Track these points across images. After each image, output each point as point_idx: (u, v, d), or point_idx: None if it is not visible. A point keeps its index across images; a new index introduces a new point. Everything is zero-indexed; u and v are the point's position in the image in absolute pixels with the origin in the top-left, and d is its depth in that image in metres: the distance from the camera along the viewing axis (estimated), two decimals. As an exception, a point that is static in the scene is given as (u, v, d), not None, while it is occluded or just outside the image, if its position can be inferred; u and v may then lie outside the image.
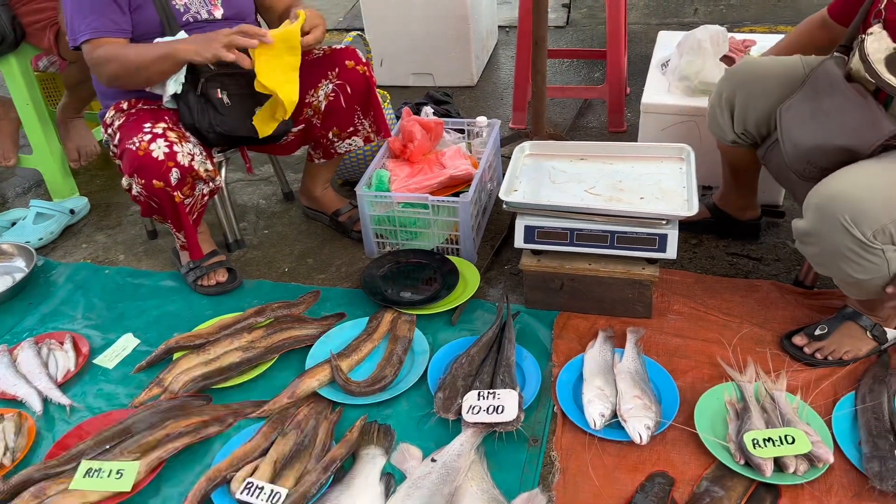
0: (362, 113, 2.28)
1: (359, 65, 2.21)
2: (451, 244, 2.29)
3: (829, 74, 1.76)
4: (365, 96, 2.24)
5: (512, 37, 4.20)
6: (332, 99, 2.21)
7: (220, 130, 2.09)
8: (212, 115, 2.07)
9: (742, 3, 4.34)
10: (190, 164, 2.00)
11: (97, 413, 1.85)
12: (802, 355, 1.83)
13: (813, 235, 1.64)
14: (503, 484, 1.57)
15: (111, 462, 1.63)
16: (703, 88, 2.35)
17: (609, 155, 2.14)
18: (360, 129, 2.31)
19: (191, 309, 2.21)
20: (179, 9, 2.07)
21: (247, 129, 2.12)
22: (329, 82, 2.20)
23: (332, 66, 2.20)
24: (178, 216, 2.08)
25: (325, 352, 1.95)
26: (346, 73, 2.20)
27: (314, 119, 2.26)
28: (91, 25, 1.97)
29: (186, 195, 2.04)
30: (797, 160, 1.77)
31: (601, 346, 1.87)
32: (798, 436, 1.53)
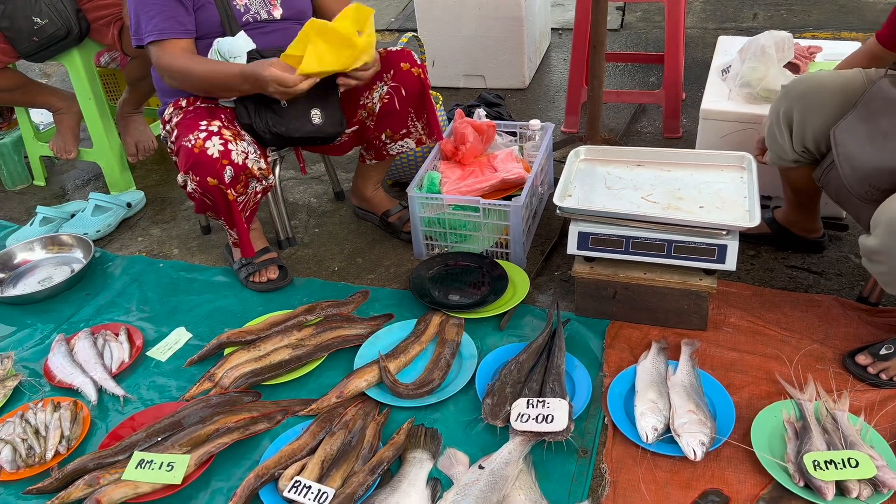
0: (416, 115, 2.27)
1: (414, 67, 2.20)
2: (500, 248, 2.27)
3: (884, 94, 1.69)
4: (419, 99, 2.24)
5: (565, 39, 4.16)
6: (387, 101, 2.21)
7: (277, 131, 2.10)
8: (269, 117, 2.08)
9: (804, 9, 4.22)
10: (244, 163, 2.02)
11: (149, 405, 1.88)
12: (866, 375, 1.76)
13: (883, 254, 1.58)
14: (551, 495, 1.55)
15: (162, 454, 1.65)
16: (766, 96, 2.28)
17: (667, 162, 2.09)
18: (413, 131, 2.30)
19: (242, 305, 2.23)
20: (240, 9, 2.09)
21: (303, 129, 2.13)
22: (384, 84, 2.20)
23: (388, 69, 2.20)
24: (230, 213, 2.10)
25: (373, 352, 1.95)
26: (402, 74, 2.19)
27: (368, 121, 2.26)
28: (158, 26, 2.01)
29: (240, 193, 2.06)
30: (857, 183, 1.70)
31: (654, 358, 1.83)
32: (862, 459, 1.47)
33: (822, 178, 1.85)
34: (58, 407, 1.83)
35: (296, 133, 2.13)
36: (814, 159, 1.90)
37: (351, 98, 2.22)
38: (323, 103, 2.14)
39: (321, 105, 2.13)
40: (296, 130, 2.12)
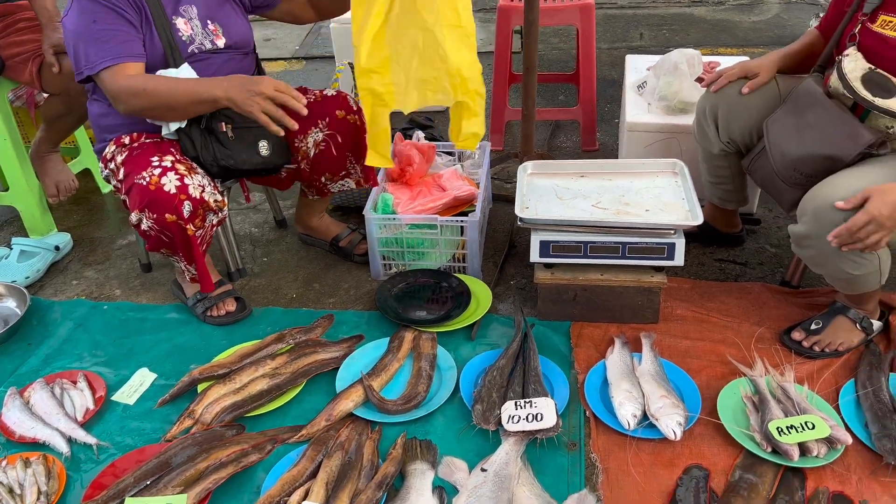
0: (354, 158, 2.29)
1: (350, 114, 2.22)
2: (456, 262, 2.36)
3: (810, 91, 1.94)
4: (355, 145, 2.25)
5: (472, 62, 4.33)
6: (324, 148, 2.23)
7: (225, 164, 2.09)
8: (216, 149, 2.07)
9: (682, 28, 4.63)
10: (201, 196, 2.00)
11: (127, 450, 1.81)
12: (802, 349, 1.98)
13: (811, 238, 1.80)
14: (551, 488, 1.64)
15: (157, 497, 1.61)
16: (682, 107, 2.52)
17: (607, 171, 2.27)
18: (353, 172, 2.33)
19: (203, 340, 2.19)
20: (185, 40, 2.07)
21: (251, 162, 2.13)
22: (319, 131, 2.21)
23: (323, 115, 2.21)
24: (189, 249, 2.06)
25: (351, 374, 1.98)
26: (337, 123, 2.21)
27: (303, 163, 2.27)
28: (112, 52, 1.95)
29: (198, 227, 2.04)
30: (785, 168, 1.94)
31: (620, 352, 1.98)
32: (817, 422, 1.67)
33: (750, 166, 2.10)
34: (28, 463, 1.73)
35: (244, 165, 2.13)
36: (737, 150, 2.15)
37: (286, 138, 2.22)
38: (271, 135, 2.15)
39: (269, 136, 2.14)
40: (244, 163, 2.12)
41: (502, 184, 2.91)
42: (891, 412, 1.74)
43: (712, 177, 2.30)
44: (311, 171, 2.29)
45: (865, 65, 1.83)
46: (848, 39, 1.90)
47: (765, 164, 2.03)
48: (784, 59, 2.10)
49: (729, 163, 2.22)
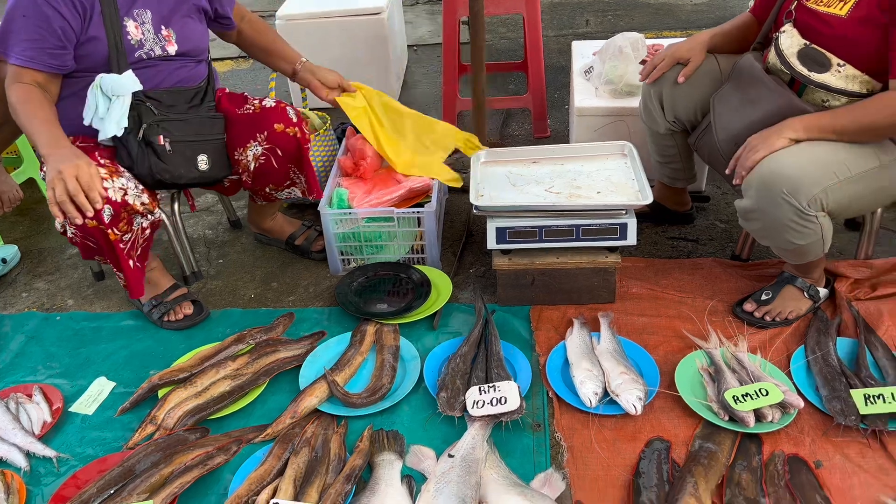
0: (297, 169, 2.25)
1: (289, 126, 2.16)
2: (415, 254, 2.37)
3: (750, 67, 1.99)
4: (297, 157, 2.21)
5: (421, 55, 4.34)
6: (263, 162, 2.18)
7: (160, 178, 2.05)
8: (152, 162, 2.03)
9: (627, 13, 4.70)
10: (123, 200, 1.93)
11: (89, 461, 1.78)
12: (754, 319, 2.05)
13: (757, 211, 1.86)
14: (517, 469, 1.67)
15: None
16: (628, 90, 2.57)
17: (558, 157, 2.30)
18: (298, 182, 2.28)
19: (162, 345, 2.16)
20: (133, 44, 2.03)
21: (189, 176, 2.10)
22: (258, 144, 2.16)
23: (261, 128, 2.15)
24: (115, 254, 1.99)
25: (315, 370, 1.98)
26: (276, 136, 2.15)
27: (244, 176, 2.24)
28: (25, 53, 1.91)
29: (123, 231, 1.97)
30: (727, 143, 2.00)
31: (579, 332, 2.01)
32: (770, 388, 1.73)
33: (696, 143, 2.15)
34: (-15, 480, 1.69)
35: (181, 180, 2.10)
36: (683, 128, 2.20)
37: (226, 150, 2.20)
38: (210, 148, 2.13)
39: (209, 150, 2.12)
40: (181, 177, 2.10)
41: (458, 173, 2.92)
42: (839, 375, 1.80)
43: (660, 156, 2.35)
44: (253, 182, 2.26)
45: (801, 40, 1.89)
46: (784, 16, 1.95)
47: (710, 140, 2.08)
48: (713, 38, 2.15)
49: (676, 141, 2.27)
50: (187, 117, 2.11)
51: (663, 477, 1.61)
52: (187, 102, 2.13)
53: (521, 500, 1.53)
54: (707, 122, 2.07)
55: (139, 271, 2.08)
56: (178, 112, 2.10)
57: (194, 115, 2.13)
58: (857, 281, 2.12)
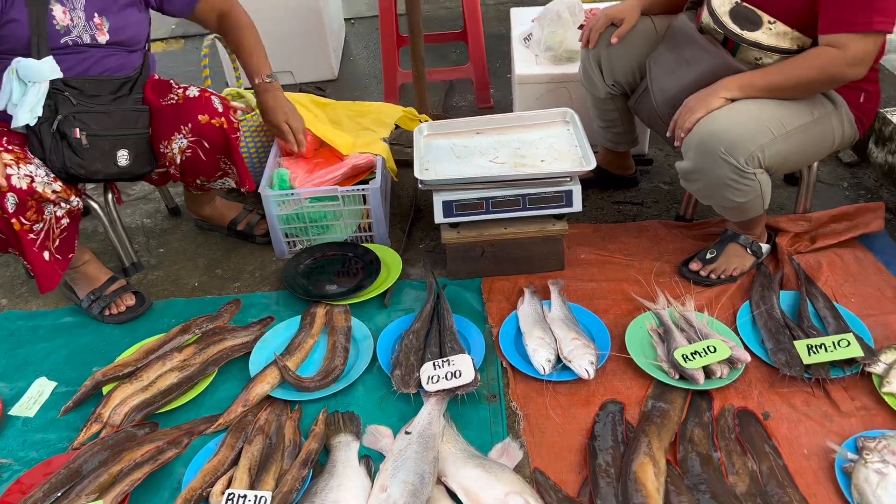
0: (227, 159, 2.15)
1: (214, 117, 2.04)
2: (362, 232, 2.33)
3: (684, 27, 2.00)
4: (225, 149, 2.10)
5: (359, 28, 4.25)
6: (190, 155, 2.08)
7: (75, 173, 1.94)
8: (67, 156, 1.92)
9: (564, -21, 4.67)
10: (30, 187, 1.83)
11: (33, 464, 1.71)
12: (700, 278, 2.08)
13: (697, 172, 1.88)
14: (475, 440, 1.67)
15: (71, 508, 1.53)
16: (568, 56, 2.56)
17: (501, 126, 2.28)
18: (230, 172, 2.19)
19: (103, 341, 2.08)
20: (59, 29, 1.91)
21: (106, 172, 2.00)
22: (183, 137, 2.05)
23: (185, 120, 2.04)
24: (21, 245, 1.88)
25: (265, 356, 1.94)
26: (201, 128, 2.04)
27: (172, 169, 2.13)
28: None
29: (33, 221, 1.87)
30: (664, 105, 2.01)
31: (530, 301, 2.01)
32: (718, 345, 1.76)
33: (635, 105, 2.16)
34: (-79, 493, 1.61)
35: (97, 175, 1.99)
36: (623, 92, 2.20)
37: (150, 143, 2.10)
38: (133, 143, 2.02)
39: (130, 145, 2.02)
40: (97, 173, 1.98)
41: (402, 148, 2.88)
42: (783, 328, 1.85)
43: (602, 121, 2.35)
44: (182, 175, 2.16)
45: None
46: (716, -25, 1.96)
47: (648, 103, 2.09)
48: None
49: (616, 105, 2.27)
50: (110, 109, 1.99)
51: (618, 438, 1.63)
52: (113, 93, 2.01)
53: (479, 472, 1.53)
54: (645, 85, 2.08)
55: (59, 264, 1.96)
56: (100, 103, 1.98)
57: (118, 108, 2.01)
58: (797, 235, 2.18)
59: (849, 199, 2.43)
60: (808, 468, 1.55)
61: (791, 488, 1.49)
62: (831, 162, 2.62)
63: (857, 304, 1.96)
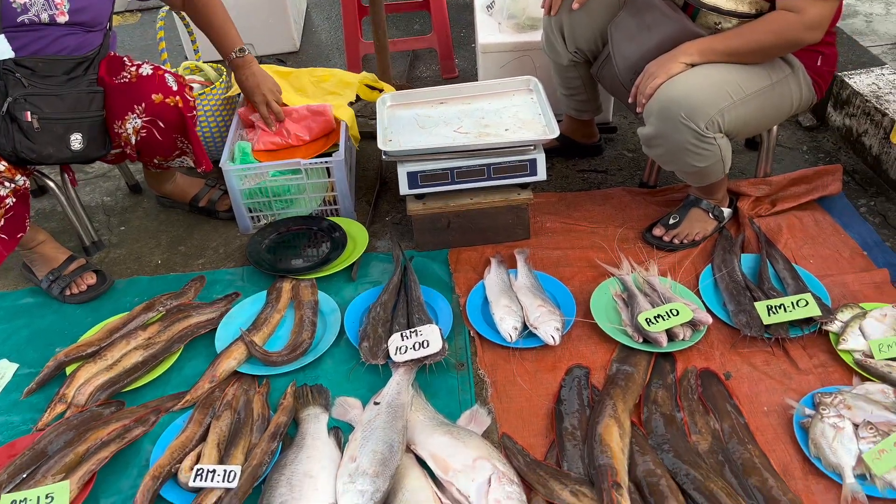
0: (184, 138, 2.10)
1: (169, 96, 2.00)
2: (328, 205, 2.31)
3: None
4: (181, 126, 2.06)
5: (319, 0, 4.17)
6: (145, 135, 2.03)
7: (26, 157, 1.89)
8: (17, 139, 1.87)
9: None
10: None
11: (-4, 447, 1.69)
12: (663, 243, 2.10)
13: (658, 137, 1.89)
14: (444, 409, 1.68)
15: (36, 489, 1.51)
16: (531, 24, 2.54)
17: (465, 96, 2.26)
18: (188, 151, 2.14)
19: (65, 321, 2.05)
20: (16, 7, 1.83)
21: (59, 156, 1.94)
22: (137, 117, 2.00)
23: (139, 100, 1.98)
24: None
25: (231, 332, 1.92)
26: (155, 107, 1.99)
27: (127, 149, 2.08)
28: None
29: None
30: (626, 71, 2.01)
31: (497, 271, 2.02)
32: (680, 308, 1.79)
33: (598, 73, 2.15)
34: None
35: (49, 160, 1.94)
36: (585, 59, 2.20)
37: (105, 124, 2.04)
38: (86, 127, 1.97)
39: (84, 129, 1.96)
40: (50, 157, 1.93)
41: (366, 120, 2.85)
42: (744, 290, 1.88)
43: (565, 89, 2.35)
44: (139, 155, 2.11)
45: (683, -37, 1.90)
46: (675, -60, 1.95)
47: (610, 70, 2.09)
48: None
49: (579, 73, 2.27)
50: (62, 91, 1.92)
51: (584, 402, 1.66)
52: (66, 73, 1.94)
53: (447, 439, 1.54)
54: (607, 52, 2.08)
55: (4, 244, 1.91)
56: (53, 84, 1.91)
57: (71, 90, 1.94)
58: (757, 198, 2.21)
59: (808, 162, 2.47)
60: (768, 425, 1.59)
61: (751, 445, 1.53)
62: (791, 126, 2.66)
63: (816, 264, 2.00)
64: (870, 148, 2.39)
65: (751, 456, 1.50)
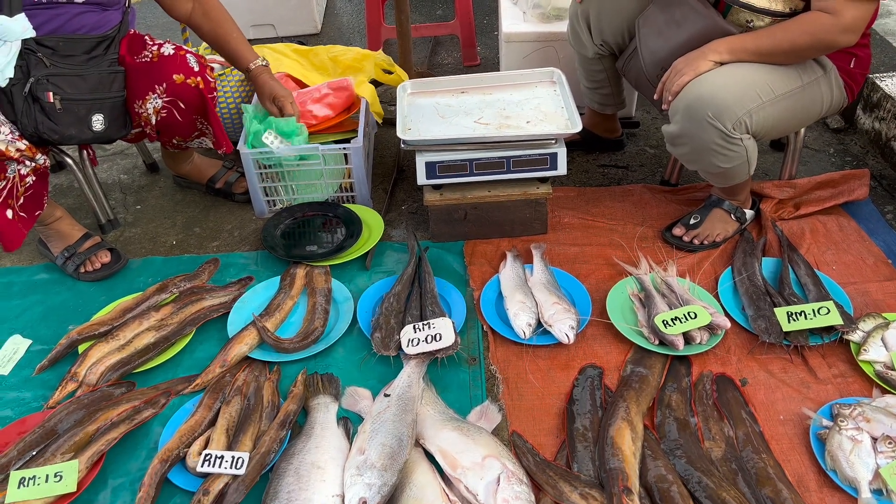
0: (203, 119, 2.08)
1: (190, 77, 1.98)
2: (344, 192, 2.29)
3: None
4: (202, 107, 2.04)
5: (344, -19, 4.13)
6: (165, 115, 2.01)
7: (48, 138, 1.88)
8: (39, 119, 1.85)
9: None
10: None
11: (7, 423, 1.69)
12: (683, 243, 2.07)
13: (683, 136, 1.85)
14: (455, 404, 1.67)
15: (45, 467, 1.52)
16: (556, 14, 2.50)
17: (487, 86, 2.23)
18: (207, 132, 2.13)
19: (79, 298, 2.05)
20: None
21: (80, 137, 1.93)
22: (157, 97, 1.98)
23: (160, 80, 1.97)
24: None
25: (243, 317, 1.91)
26: (175, 88, 1.97)
27: (147, 129, 2.07)
28: None
29: None
30: (653, 67, 1.97)
31: (512, 265, 2.00)
32: (698, 311, 1.76)
33: (623, 67, 2.11)
34: None
35: (72, 141, 1.94)
36: (611, 52, 2.15)
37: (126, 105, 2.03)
38: (108, 107, 1.95)
39: (105, 110, 1.94)
40: (72, 138, 1.92)
41: (386, 106, 2.83)
42: (764, 294, 1.85)
43: (589, 82, 2.31)
44: (159, 136, 2.10)
45: (727, -41, 1.85)
46: (709, -67, 1.90)
47: (637, 64, 2.05)
48: None
49: (604, 66, 2.23)
50: (84, 71, 1.91)
51: (596, 403, 1.63)
52: (87, 53, 1.93)
53: (456, 435, 1.53)
54: (634, 46, 2.04)
55: (23, 222, 1.91)
56: (74, 64, 1.90)
57: (92, 70, 1.92)
58: (781, 201, 2.17)
59: (835, 165, 2.42)
60: (784, 434, 1.56)
61: (766, 454, 1.50)
62: (818, 127, 2.61)
63: (839, 271, 1.96)
64: (899, 153, 2.34)
65: (765, 465, 1.47)
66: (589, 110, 2.44)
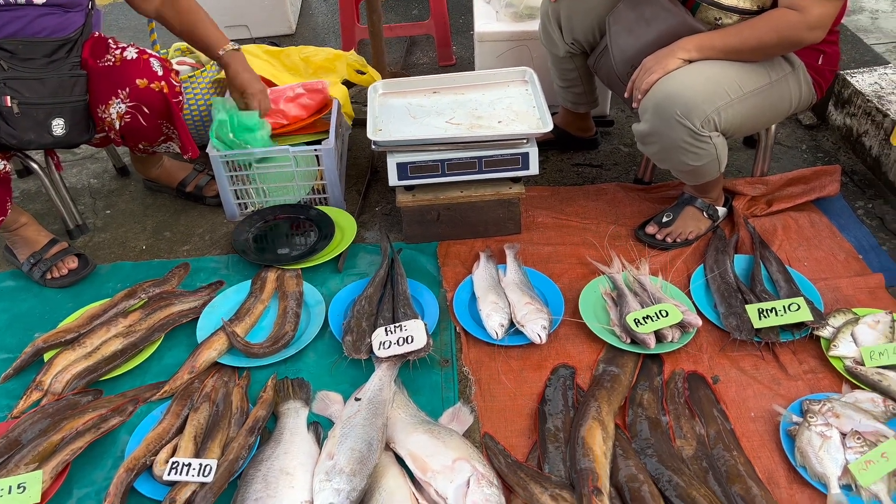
0: (169, 123, 2.05)
1: (154, 81, 1.95)
2: (317, 194, 2.27)
3: None
4: (167, 112, 2.01)
5: (319, -19, 4.10)
6: (129, 121, 1.98)
7: (6, 142, 1.84)
8: None
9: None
10: None
11: (-30, 434, 1.66)
12: (656, 241, 2.07)
13: (653, 134, 1.85)
14: (427, 406, 1.65)
15: (8, 478, 1.49)
16: (529, 13, 2.50)
17: (459, 86, 2.22)
18: (174, 136, 2.09)
19: (46, 305, 2.02)
20: None
21: (40, 142, 1.90)
22: (121, 101, 1.95)
23: (123, 84, 1.94)
24: None
25: (213, 322, 1.89)
26: (139, 93, 1.94)
27: (112, 134, 2.03)
28: None
29: None
30: (623, 65, 1.96)
31: (485, 266, 1.99)
32: (670, 309, 1.75)
33: (595, 65, 2.11)
34: None
35: (30, 146, 1.90)
36: (583, 50, 2.15)
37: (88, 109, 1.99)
38: (69, 112, 1.92)
39: (66, 114, 1.91)
40: (30, 143, 1.89)
41: (360, 107, 2.81)
42: (736, 292, 1.85)
43: (562, 80, 2.30)
44: (124, 140, 2.06)
45: (693, -43, 1.85)
46: (676, -68, 1.90)
47: (607, 62, 2.04)
48: None
49: (576, 64, 2.23)
50: (44, 75, 1.87)
51: (568, 403, 1.63)
52: (47, 56, 1.89)
53: (427, 438, 1.51)
54: (604, 44, 2.03)
55: None
56: (33, 68, 1.86)
57: (53, 74, 1.89)
58: (753, 198, 2.17)
59: (807, 161, 2.43)
60: (755, 431, 1.56)
61: (736, 451, 1.50)
62: (790, 124, 2.62)
63: (810, 267, 1.97)
64: (870, 149, 2.35)
65: (735, 463, 1.47)
66: (562, 109, 2.44)
